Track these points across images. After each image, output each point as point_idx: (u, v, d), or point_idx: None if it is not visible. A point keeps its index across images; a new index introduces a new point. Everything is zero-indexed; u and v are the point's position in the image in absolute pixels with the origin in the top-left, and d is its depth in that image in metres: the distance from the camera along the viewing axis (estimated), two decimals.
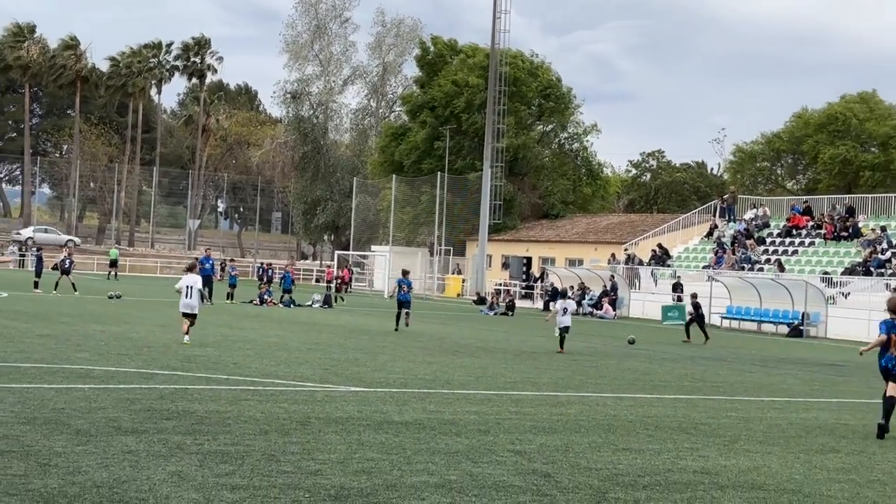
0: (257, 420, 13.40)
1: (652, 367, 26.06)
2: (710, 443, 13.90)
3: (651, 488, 10.59)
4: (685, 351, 33.10)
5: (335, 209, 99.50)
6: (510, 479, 10.61)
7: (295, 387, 17.22)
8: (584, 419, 15.43)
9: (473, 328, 39.69)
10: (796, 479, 11.59)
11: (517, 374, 21.84)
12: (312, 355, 23.25)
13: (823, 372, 28.47)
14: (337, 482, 9.92)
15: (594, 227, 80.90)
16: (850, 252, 57.36)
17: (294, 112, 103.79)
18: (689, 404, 18.30)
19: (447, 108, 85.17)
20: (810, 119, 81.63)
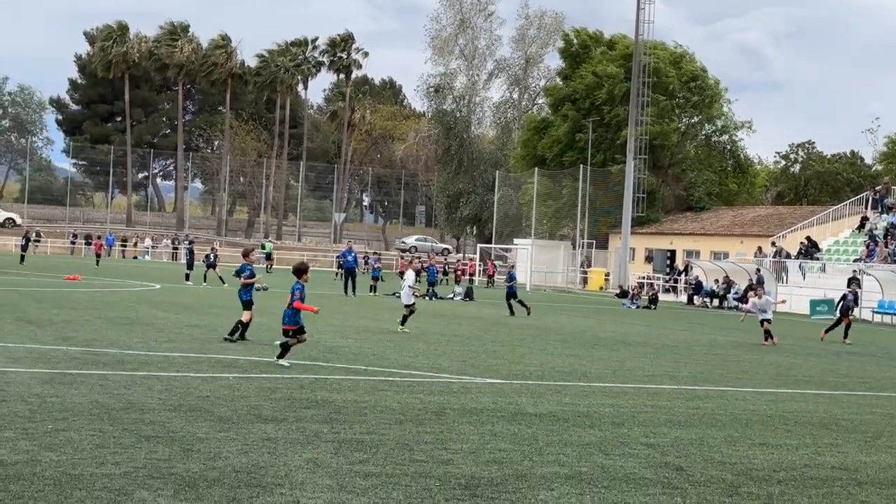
0: (393, 410, 13.63)
1: (796, 361, 25.55)
2: (851, 439, 13.62)
3: (786, 483, 10.45)
4: (831, 346, 32.33)
5: (478, 202, 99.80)
6: (641, 471, 10.60)
7: (432, 378, 17.43)
8: (720, 413, 15.26)
9: (614, 321, 39.46)
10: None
11: (656, 368, 21.68)
12: (451, 347, 23.47)
13: None
14: (468, 472, 10.06)
15: (740, 219, 79.46)
16: None
17: (437, 106, 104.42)
18: (831, 400, 17.92)
19: (588, 100, 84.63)
20: None
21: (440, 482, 9.54)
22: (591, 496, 9.35)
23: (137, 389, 14.06)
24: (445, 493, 9.11)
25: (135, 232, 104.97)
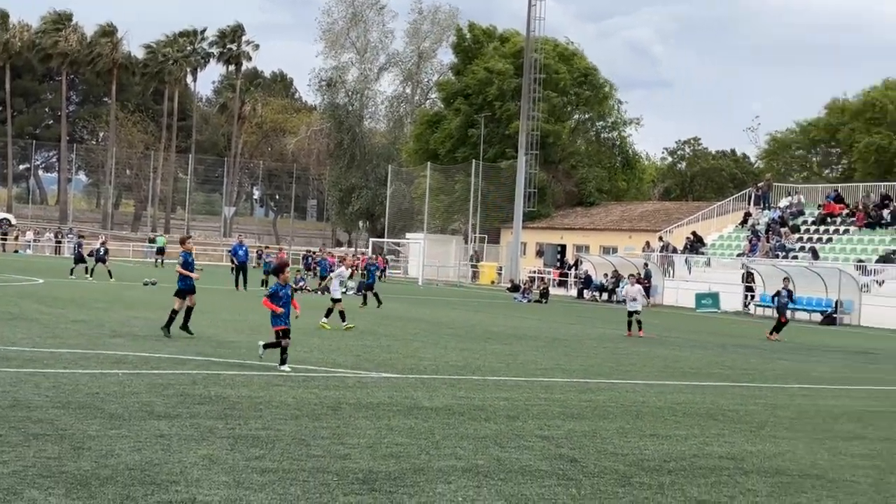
0: (288, 405, 13.56)
1: (682, 354, 26.09)
2: (737, 429, 13.96)
3: (676, 473, 10.67)
4: (716, 339, 33.08)
5: (370, 197, 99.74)
6: (537, 463, 10.73)
7: (327, 373, 17.39)
8: (612, 405, 15.52)
9: (506, 316, 39.76)
10: (821, 465, 11.65)
11: (548, 361, 21.93)
12: (345, 342, 23.42)
13: (854, 360, 28.40)
14: (365, 466, 10.07)
15: (628, 214, 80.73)
16: (884, 240, 57.03)
17: (329, 100, 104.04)
18: (717, 391, 18.35)
19: (481, 96, 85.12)
20: (846, 107, 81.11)
21: (338, 477, 9.53)
22: (488, 488, 9.43)
23: (24, 387, 13.74)
24: (343, 488, 9.11)
25: (16, 225, 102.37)
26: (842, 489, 10.45)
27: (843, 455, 12.44)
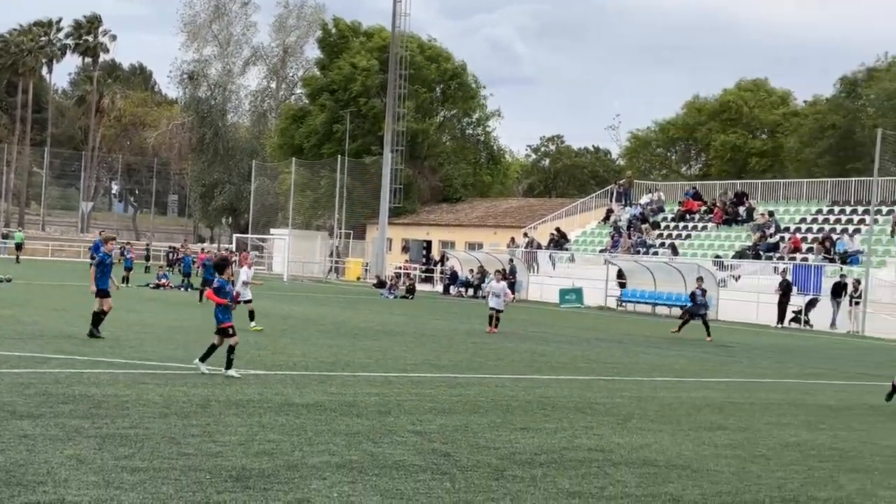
0: (156, 403, 13.35)
1: (549, 349, 26.46)
2: (605, 421, 14.23)
3: (547, 466, 10.84)
4: (582, 333, 33.64)
5: (234, 192, 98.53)
6: (410, 458, 10.77)
7: (194, 370, 17.14)
8: (482, 400, 15.66)
9: (373, 312, 39.76)
10: (686, 455, 11.96)
11: (417, 357, 22.02)
12: (210, 339, 23.07)
13: (713, 353, 29.18)
14: (238, 463, 9.98)
15: (494, 210, 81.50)
16: (740, 236, 58.76)
17: (191, 93, 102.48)
18: (584, 385, 18.67)
19: (347, 91, 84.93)
20: (703, 107, 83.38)
21: (210, 475, 9.43)
22: (363, 484, 9.44)
23: None
24: (217, 486, 9.02)
25: None
26: (706, 478, 10.75)
27: (706, 445, 12.79)
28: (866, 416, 16.61)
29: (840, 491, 10.51)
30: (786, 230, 56.91)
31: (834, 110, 71.81)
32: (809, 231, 56.26)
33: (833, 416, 16.35)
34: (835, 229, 55.24)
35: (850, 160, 69.36)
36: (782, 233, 56.58)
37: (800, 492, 10.33)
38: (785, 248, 54.25)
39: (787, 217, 58.86)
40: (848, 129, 69.83)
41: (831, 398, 19.10)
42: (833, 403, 18.24)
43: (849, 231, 54.34)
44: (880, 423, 15.94)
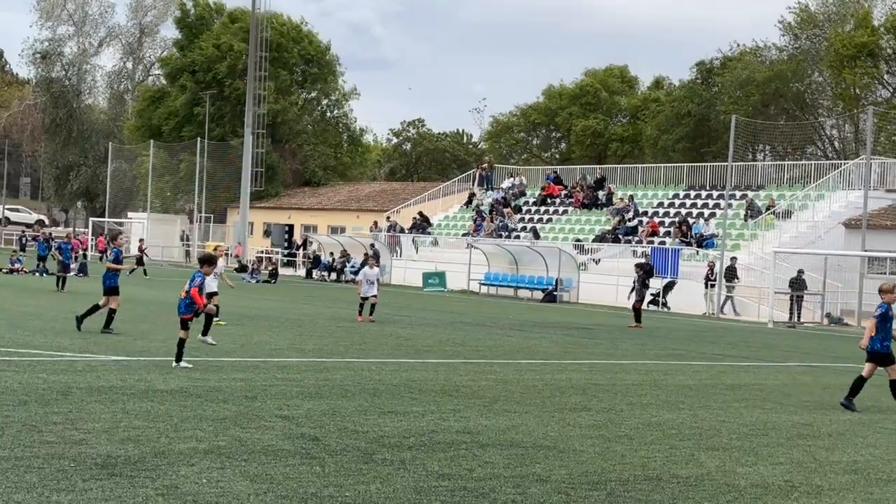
0: (15, 391, 13.02)
1: (414, 332, 26.59)
2: (471, 404, 14.35)
3: (416, 448, 10.89)
4: (445, 317, 33.87)
5: (90, 175, 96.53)
6: (279, 443, 10.73)
7: (53, 357, 16.78)
8: (349, 384, 15.66)
9: (236, 296, 39.18)
10: (552, 436, 12.15)
11: (282, 342, 21.91)
12: (70, 324, 22.53)
13: (576, 335, 29.67)
14: (103, 451, 9.80)
15: (356, 194, 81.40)
16: (600, 220, 59.82)
17: (44, 73, 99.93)
18: (450, 368, 18.81)
19: (209, 73, 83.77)
20: (563, 92, 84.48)
21: (75, 462, 9.25)
22: (232, 469, 9.37)
23: None
24: (82, 474, 8.85)
25: None
26: (572, 458, 10.94)
27: (571, 426, 13.01)
28: (723, 396, 17.10)
29: (701, 468, 10.82)
30: (644, 214, 58.14)
31: (690, 97, 73.51)
32: (667, 215, 57.58)
33: (692, 396, 16.79)
34: (691, 213, 56.68)
35: (706, 146, 71.20)
36: (641, 217, 57.78)
37: (662, 470, 10.60)
38: (643, 232, 55.43)
39: (646, 201, 60.14)
40: (703, 115, 71.60)
41: (690, 378, 19.60)
42: (692, 384, 18.72)
43: (704, 215, 55.82)
44: (736, 402, 16.43)
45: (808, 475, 10.79)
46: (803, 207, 53.28)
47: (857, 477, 10.87)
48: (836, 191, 53.74)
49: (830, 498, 9.81)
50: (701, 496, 9.51)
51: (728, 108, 65.11)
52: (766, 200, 54.37)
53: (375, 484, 9.18)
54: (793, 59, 71.41)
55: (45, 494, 8.11)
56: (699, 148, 71.45)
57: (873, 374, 16.14)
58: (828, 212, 52.39)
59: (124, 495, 8.24)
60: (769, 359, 25.34)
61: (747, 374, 21.13)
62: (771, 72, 70.17)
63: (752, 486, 10.06)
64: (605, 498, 9.20)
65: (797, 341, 33.13)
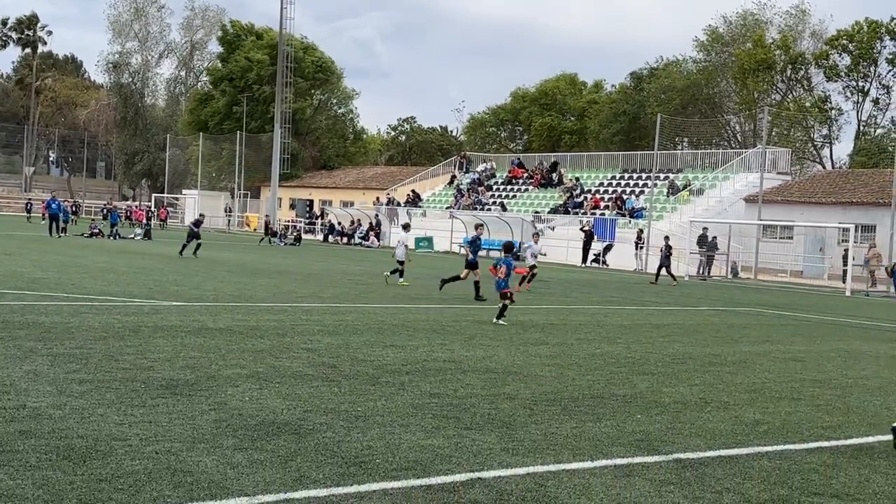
0: (96, 329, 12.97)
1: (408, 284, 26.49)
2: (455, 339, 14.37)
3: (412, 374, 10.92)
4: (433, 272, 33.78)
5: (151, 160, 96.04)
6: (305, 369, 10.74)
7: (125, 302, 16.71)
8: (359, 324, 15.65)
9: (268, 256, 39.23)
10: (518, 364, 12.19)
11: (306, 291, 21.85)
12: (138, 277, 22.53)
13: (535, 286, 29.63)
14: (167, 375, 9.80)
15: (362, 176, 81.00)
16: (554, 196, 59.73)
17: (116, 79, 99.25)
18: (437, 311, 18.80)
19: (243, 80, 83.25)
20: (526, 94, 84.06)
21: (145, 384, 9.24)
22: (269, 390, 9.38)
23: None
24: (151, 393, 8.84)
25: None
26: (534, 381, 10.99)
27: (532, 356, 13.05)
28: (650, 333, 17.16)
29: (634, 389, 10.87)
30: (588, 192, 58.07)
31: (625, 99, 73.26)
32: (606, 192, 57.53)
33: (626, 333, 16.84)
34: (625, 191, 56.63)
35: (637, 139, 71.04)
36: (586, 194, 57.72)
37: (605, 390, 10.65)
38: (588, 206, 55.40)
39: (590, 181, 60.05)
40: (635, 114, 71.39)
41: (625, 319, 19.67)
42: (626, 323, 18.78)
43: (635, 192, 55.77)
44: (661, 337, 16.49)
45: (718, 394, 10.86)
46: (713, 186, 53.30)
47: (755, 395, 10.95)
48: (738, 173, 53.75)
49: (735, 411, 9.87)
50: (634, 410, 9.55)
51: (654, 109, 64.91)
52: (684, 181, 54.36)
53: (381, 401, 9.20)
54: (705, 70, 71.21)
55: (122, 409, 8.10)
56: (632, 140, 71.28)
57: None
58: (732, 190, 52.42)
59: (184, 410, 8.23)
60: (685, 304, 25.43)
61: (669, 316, 21.20)
62: (688, 80, 69.99)
63: (674, 403, 10.12)
64: (560, 412, 9.23)
65: (707, 291, 33.26)
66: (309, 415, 8.33)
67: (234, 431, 7.54)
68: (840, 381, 12.48)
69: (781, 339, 17.60)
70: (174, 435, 7.31)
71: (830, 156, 70.80)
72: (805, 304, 28.98)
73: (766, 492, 6.80)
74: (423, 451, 7.30)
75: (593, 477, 6.90)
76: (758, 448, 8.19)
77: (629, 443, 8.05)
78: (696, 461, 7.56)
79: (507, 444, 7.69)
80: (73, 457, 6.54)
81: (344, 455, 7.04)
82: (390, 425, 8.13)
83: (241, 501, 5.83)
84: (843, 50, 65.24)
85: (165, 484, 6.07)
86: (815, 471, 7.52)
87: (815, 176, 56.17)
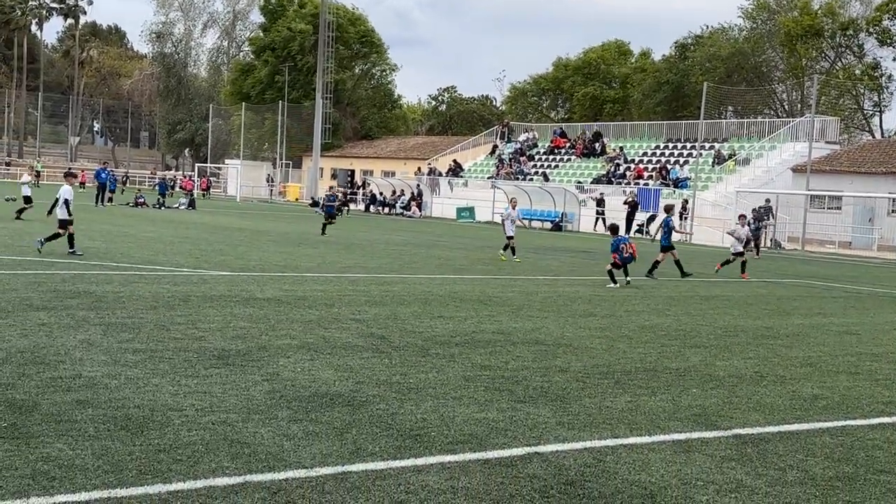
0: (146, 298, 13.04)
1: (453, 254, 26.45)
2: (503, 311, 14.26)
3: (462, 345, 10.84)
4: (476, 243, 33.68)
5: (194, 129, 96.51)
6: (354, 340, 10.70)
7: (174, 272, 16.79)
8: (405, 294, 15.60)
9: (311, 225, 39.29)
10: (568, 336, 12.07)
11: (351, 261, 21.84)
12: (184, 247, 22.66)
13: (579, 257, 29.47)
14: (219, 346, 9.80)
15: (403, 146, 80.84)
16: (597, 166, 59.20)
17: (159, 49, 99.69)
18: (484, 283, 18.70)
19: (285, 50, 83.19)
20: (568, 64, 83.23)
21: (197, 354, 9.26)
22: (320, 361, 9.36)
23: None
24: (204, 363, 8.85)
25: None
26: (585, 353, 10.88)
27: (582, 328, 12.92)
28: (700, 304, 16.94)
29: (687, 362, 10.71)
30: (631, 161, 57.50)
31: (669, 69, 72.25)
32: (650, 162, 56.92)
33: (676, 305, 16.64)
34: (669, 161, 55.97)
35: (681, 108, 70.09)
36: (629, 164, 57.16)
37: (657, 363, 10.50)
38: (631, 176, 54.86)
39: (633, 151, 59.44)
40: (679, 83, 70.41)
41: (672, 291, 19.41)
42: (674, 295, 18.54)
43: (679, 162, 55.12)
44: (711, 309, 16.27)
45: (773, 367, 10.67)
46: (759, 156, 52.49)
47: (811, 369, 10.74)
48: (785, 142, 52.87)
49: (792, 385, 9.69)
50: (689, 384, 9.41)
51: (699, 78, 63.95)
52: (730, 150, 53.59)
53: (432, 373, 9.14)
54: (751, 38, 69.97)
55: (176, 379, 8.12)
56: (675, 110, 70.33)
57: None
58: (779, 159, 51.60)
59: (238, 380, 8.23)
60: (731, 276, 25.07)
61: (717, 288, 20.91)
62: (734, 48, 68.81)
63: (729, 377, 9.95)
64: (614, 385, 9.12)
65: (754, 262, 32.79)
66: (361, 386, 8.29)
67: (288, 403, 7.52)
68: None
69: (834, 311, 17.29)
70: (229, 406, 7.30)
71: (881, 124, 69.46)
72: (855, 275, 28.49)
73: (830, 469, 6.65)
74: (478, 424, 7.23)
75: (652, 452, 6.78)
76: (818, 424, 8.02)
77: (686, 417, 7.92)
78: (755, 437, 7.41)
79: (562, 418, 7.59)
80: (131, 427, 6.56)
81: (399, 427, 6.99)
82: (443, 398, 8.06)
83: (300, 473, 5.80)
84: (895, 14, 63.68)
85: (223, 455, 6.06)
86: (880, 447, 7.34)
87: (864, 145, 55.06)
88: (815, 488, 6.19)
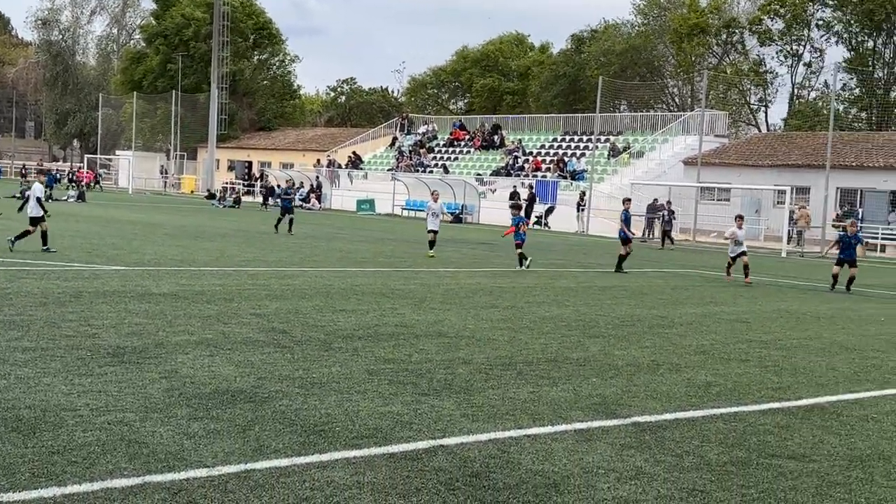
0: (35, 294, 12.61)
1: (354, 247, 26.33)
2: (405, 304, 14.26)
3: (365, 339, 10.81)
4: (377, 235, 33.60)
5: (83, 119, 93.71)
6: (255, 335, 10.56)
7: (64, 267, 16.27)
8: (307, 288, 15.46)
9: (207, 218, 38.61)
10: (470, 328, 12.13)
11: (249, 254, 21.54)
12: (75, 241, 21.98)
13: (479, 249, 29.70)
14: (113, 343, 9.55)
15: (302, 137, 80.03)
16: (496, 159, 59.72)
17: (45, 37, 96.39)
18: (385, 275, 18.67)
19: (178, 37, 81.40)
20: (468, 55, 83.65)
21: (90, 352, 8.99)
22: (220, 357, 9.20)
23: None
24: (98, 361, 8.60)
25: None
26: (487, 345, 10.95)
27: (484, 320, 13.01)
28: (598, 295, 17.25)
29: (587, 352, 10.90)
30: (530, 154, 58.18)
31: (566, 62, 73.27)
32: (548, 155, 57.69)
33: (575, 295, 16.91)
34: (566, 153, 56.83)
35: (577, 101, 71.16)
36: (527, 156, 57.82)
37: (558, 353, 10.66)
38: (529, 168, 55.51)
39: (531, 144, 60.14)
40: (575, 76, 71.49)
41: (571, 282, 19.73)
42: (573, 286, 18.84)
43: (577, 155, 56.02)
44: (609, 299, 16.59)
45: (669, 356, 10.95)
46: (652, 149, 53.75)
47: (705, 357, 11.06)
48: (677, 136, 54.26)
49: (687, 373, 9.96)
50: (589, 373, 9.58)
51: (594, 72, 65.07)
52: (624, 143, 54.71)
53: (335, 367, 9.08)
54: (643, 33, 71.52)
55: (69, 378, 7.87)
56: (572, 103, 71.39)
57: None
58: (671, 152, 52.94)
59: (134, 378, 8.03)
60: (629, 267, 25.58)
61: (614, 279, 21.30)
62: (627, 44, 70.22)
63: (627, 366, 10.17)
64: (517, 376, 9.21)
65: (649, 253, 33.61)
66: (263, 382, 8.18)
67: (187, 400, 7.37)
68: (785, 343, 12.69)
69: (725, 300, 17.84)
70: (126, 405, 7.12)
71: (766, 119, 71.91)
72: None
73: (724, 454, 6.86)
74: (383, 418, 7.22)
75: (554, 442, 6.89)
76: (712, 410, 8.27)
77: (587, 406, 8.06)
78: (653, 424, 7.60)
79: (467, 410, 7.64)
80: (23, 428, 6.33)
81: (303, 423, 6.92)
82: (347, 392, 8.02)
83: (202, 473, 5.69)
84: (775, 14, 65.94)
85: (121, 456, 5.90)
86: (770, 432, 7.61)
87: (751, 139, 56.94)
88: (710, 473, 6.38)
